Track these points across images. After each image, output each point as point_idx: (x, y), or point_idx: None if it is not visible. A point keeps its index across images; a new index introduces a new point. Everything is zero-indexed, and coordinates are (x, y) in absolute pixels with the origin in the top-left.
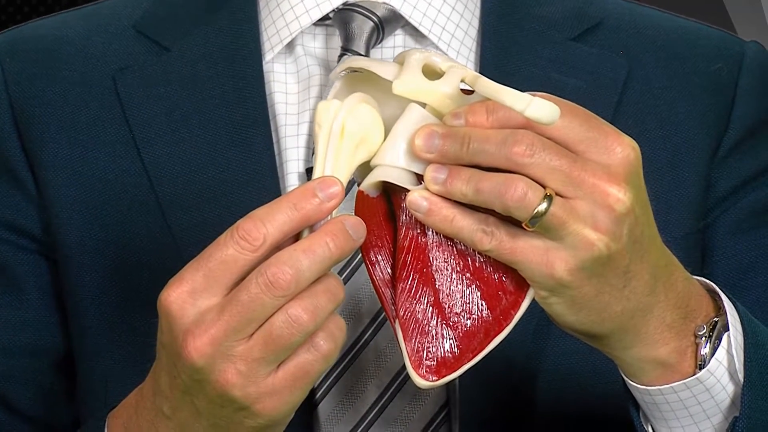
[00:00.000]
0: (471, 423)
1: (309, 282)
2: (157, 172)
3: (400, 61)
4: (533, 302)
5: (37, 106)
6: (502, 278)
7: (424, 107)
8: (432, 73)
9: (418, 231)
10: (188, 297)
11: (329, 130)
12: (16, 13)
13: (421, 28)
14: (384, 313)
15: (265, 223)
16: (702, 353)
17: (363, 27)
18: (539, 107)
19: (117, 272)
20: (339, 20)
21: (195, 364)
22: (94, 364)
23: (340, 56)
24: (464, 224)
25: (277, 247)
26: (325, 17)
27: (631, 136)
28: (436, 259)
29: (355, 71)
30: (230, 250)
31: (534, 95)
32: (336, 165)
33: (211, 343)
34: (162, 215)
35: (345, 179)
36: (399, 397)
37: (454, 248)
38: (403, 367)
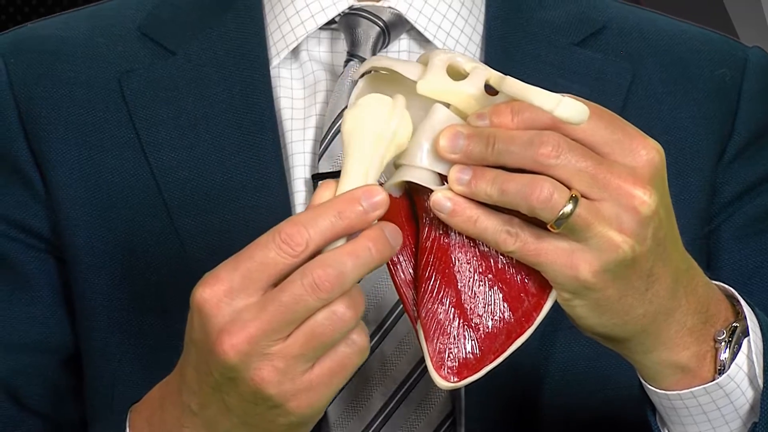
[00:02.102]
0: (476, 430)
1: (352, 285)
2: (165, 177)
3: (423, 61)
4: None
5: (44, 107)
6: (524, 280)
7: (448, 107)
8: (456, 74)
9: (441, 232)
10: (224, 296)
11: (379, 134)
12: (16, 13)
13: (426, 33)
14: (389, 321)
15: (308, 229)
16: (721, 358)
17: (369, 32)
18: (569, 107)
19: (125, 275)
20: (345, 25)
21: (229, 362)
22: (102, 366)
23: (346, 62)
24: (488, 225)
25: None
26: (331, 21)
27: None
28: (459, 260)
29: (378, 71)
30: (272, 253)
31: (563, 95)
32: (378, 170)
33: (249, 342)
34: (170, 219)
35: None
36: (405, 405)
37: (477, 249)
38: (409, 374)
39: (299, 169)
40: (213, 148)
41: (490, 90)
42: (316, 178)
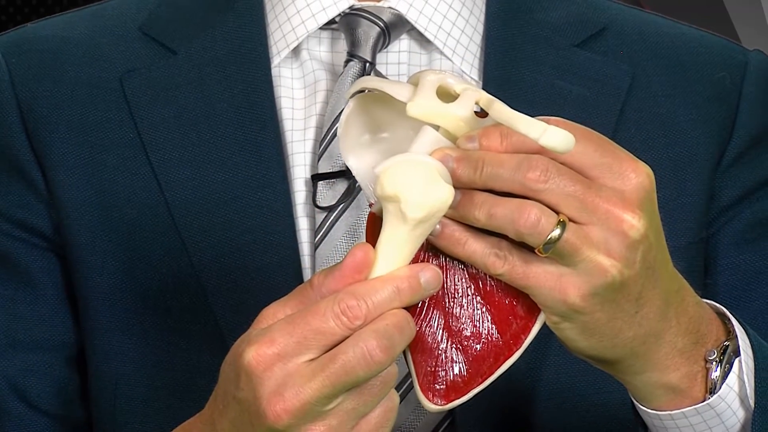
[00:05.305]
0: (475, 430)
1: (398, 355)
2: (166, 176)
3: (414, 82)
4: None
5: (45, 107)
6: (512, 303)
7: (437, 129)
8: (446, 95)
9: (430, 254)
10: (277, 360)
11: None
12: (16, 13)
13: (426, 34)
14: None
15: (367, 302)
16: (712, 377)
17: (369, 32)
18: (554, 136)
19: (127, 275)
20: (345, 25)
21: (280, 426)
22: (105, 365)
23: (347, 62)
24: (477, 248)
25: None
26: (331, 21)
27: (634, 144)
28: (447, 283)
29: (366, 91)
30: (330, 323)
31: (548, 121)
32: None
33: (303, 407)
34: (171, 218)
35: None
36: (403, 406)
37: (465, 272)
38: (407, 376)
39: (299, 168)
40: (214, 148)
41: (480, 112)
42: (316, 178)
